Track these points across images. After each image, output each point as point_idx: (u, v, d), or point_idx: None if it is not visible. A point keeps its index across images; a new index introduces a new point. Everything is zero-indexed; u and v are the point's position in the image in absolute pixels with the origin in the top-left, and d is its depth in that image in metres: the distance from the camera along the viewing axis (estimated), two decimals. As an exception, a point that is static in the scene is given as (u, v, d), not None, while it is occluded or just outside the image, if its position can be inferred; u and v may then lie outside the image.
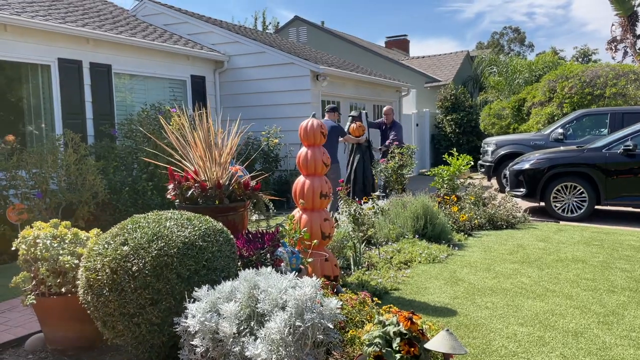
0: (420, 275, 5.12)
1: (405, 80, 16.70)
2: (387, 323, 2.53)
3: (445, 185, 8.37)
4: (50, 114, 8.02)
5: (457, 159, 8.45)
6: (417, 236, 6.36)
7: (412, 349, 2.41)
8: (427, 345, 2.27)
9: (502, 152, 11.44)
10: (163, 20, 11.86)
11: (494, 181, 12.22)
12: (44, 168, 6.32)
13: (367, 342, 2.51)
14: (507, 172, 9.16)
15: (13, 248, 3.47)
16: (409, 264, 5.50)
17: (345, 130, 8.45)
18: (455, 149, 9.72)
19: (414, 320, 2.49)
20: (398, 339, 2.45)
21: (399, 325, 2.49)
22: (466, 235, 6.88)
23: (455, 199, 7.77)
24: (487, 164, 11.74)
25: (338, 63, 13.79)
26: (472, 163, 8.74)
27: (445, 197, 7.84)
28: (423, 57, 23.64)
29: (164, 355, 3.06)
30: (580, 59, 33.57)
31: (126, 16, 11.34)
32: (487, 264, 5.53)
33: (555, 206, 8.26)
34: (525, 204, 9.34)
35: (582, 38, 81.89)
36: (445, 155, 8.85)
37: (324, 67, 10.83)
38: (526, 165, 8.59)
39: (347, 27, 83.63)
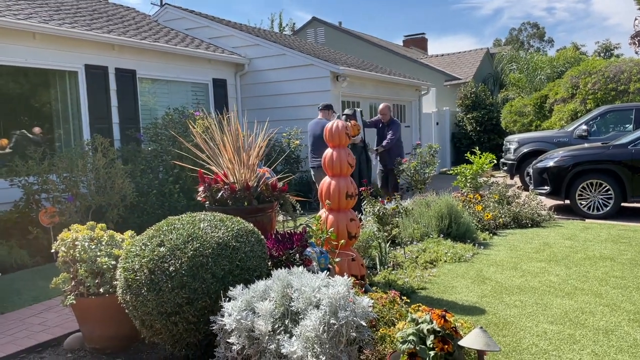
0: (446, 275, 5.14)
1: (424, 79, 16.66)
2: (420, 321, 2.57)
3: (468, 184, 8.36)
4: (78, 119, 8.21)
5: (480, 158, 8.43)
6: (441, 235, 6.37)
7: (446, 346, 2.45)
8: (462, 343, 2.30)
9: (524, 149, 11.35)
10: (184, 24, 12.03)
11: (516, 179, 12.13)
12: (74, 172, 6.48)
13: (401, 340, 2.55)
14: (531, 170, 9.10)
15: (52, 250, 3.59)
16: (434, 263, 5.52)
17: None
18: (477, 147, 9.68)
19: (447, 318, 2.53)
20: (432, 337, 2.48)
21: (432, 323, 2.53)
22: (491, 234, 6.86)
23: (479, 197, 7.75)
24: (510, 162, 11.66)
25: (357, 63, 13.83)
26: (495, 161, 8.71)
27: (469, 196, 7.82)
28: (442, 55, 23.53)
29: (200, 353, 3.15)
30: (602, 54, 33.06)
31: (149, 22, 11.54)
32: (513, 262, 5.52)
33: (581, 204, 8.18)
34: (550, 202, 9.26)
35: (603, 33, 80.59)
36: (468, 154, 8.83)
37: (343, 68, 10.88)
38: (550, 163, 8.52)
39: (364, 27, 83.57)
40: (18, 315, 4.38)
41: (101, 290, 3.42)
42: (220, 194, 4.21)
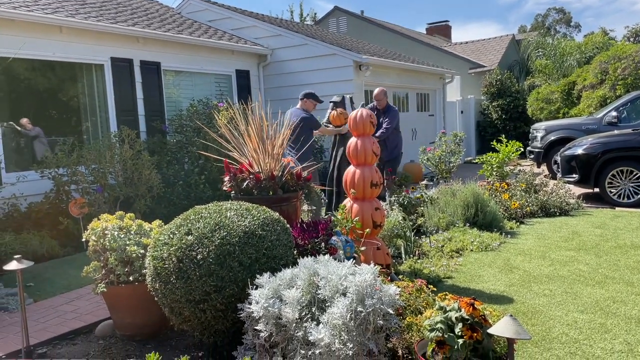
0: (473, 264, 5.09)
1: (448, 67, 16.44)
2: (448, 309, 2.55)
3: (494, 173, 8.24)
4: (105, 111, 8.34)
5: (506, 146, 8.30)
6: (467, 224, 6.31)
7: (475, 334, 2.42)
8: (491, 330, 2.27)
9: (552, 137, 11.13)
10: (207, 16, 12.08)
11: (543, 167, 11.92)
12: (102, 164, 6.59)
13: (429, 328, 2.53)
14: (559, 158, 8.93)
15: (83, 239, 3.66)
16: (460, 252, 5.47)
17: (325, 119, 6.96)
18: (503, 136, 9.52)
19: (475, 306, 2.50)
20: (460, 325, 2.46)
21: (460, 311, 2.50)
22: (518, 223, 6.76)
23: (506, 186, 7.64)
24: (537, 150, 11.46)
25: (380, 52, 13.71)
26: (522, 149, 8.57)
27: (495, 184, 7.71)
28: (466, 42, 23.17)
29: (228, 340, 3.18)
30: (632, 39, 32.06)
31: (172, 14, 11.61)
32: (541, 251, 5.43)
33: (611, 192, 8.00)
34: (579, 190, 9.07)
35: (632, 17, 78.37)
36: (494, 142, 8.70)
37: (366, 57, 10.80)
38: (579, 151, 8.34)
39: (386, 15, 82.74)
40: (50, 303, 4.49)
41: (131, 278, 3.48)
42: (245, 184, 4.23)
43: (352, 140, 4.66)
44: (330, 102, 6.98)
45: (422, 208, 6.48)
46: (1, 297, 4.52)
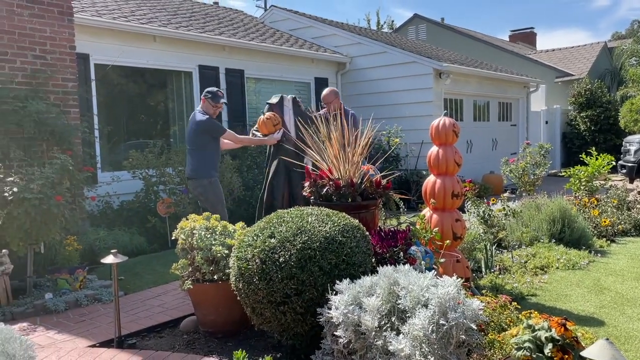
0: (559, 282, 4.83)
1: (533, 75, 15.78)
2: (537, 328, 2.44)
3: (582, 187, 7.81)
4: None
5: (596, 159, 7.84)
6: (553, 240, 6.01)
7: (566, 356, 2.30)
8: (585, 354, 2.15)
9: (647, 151, 10.39)
10: (289, 25, 12.36)
11: (637, 183, 11.11)
12: (188, 166, 6.89)
13: (516, 346, 2.44)
14: (656, 174, 8.32)
15: (172, 238, 3.85)
16: (545, 269, 5.22)
17: (254, 127, 5.68)
18: (593, 148, 9.00)
19: (567, 326, 2.38)
20: (550, 345, 2.35)
21: (550, 331, 2.39)
22: (609, 242, 6.35)
23: (595, 201, 7.21)
24: (630, 164, 10.74)
25: (461, 60, 13.41)
26: (614, 163, 8.06)
27: (583, 199, 7.30)
28: (553, 50, 22.17)
29: (306, 344, 3.22)
30: None
31: (255, 23, 12.00)
32: (636, 272, 5.07)
33: None
34: (678, 209, 8.38)
35: None
36: (583, 155, 8.25)
37: (447, 65, 10.60)
38: (679, 166, 7.74)
39: (468, 23, 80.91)
40: (139, 297, 4.76)
41: (215, 277, 3.61)
42: (325, 190, 4.28)
43: (433, 149, 4.59)
44: (267, 103, 5.59)
45: (503, 221, 6.25)
46: (95, 288, 4.84)
